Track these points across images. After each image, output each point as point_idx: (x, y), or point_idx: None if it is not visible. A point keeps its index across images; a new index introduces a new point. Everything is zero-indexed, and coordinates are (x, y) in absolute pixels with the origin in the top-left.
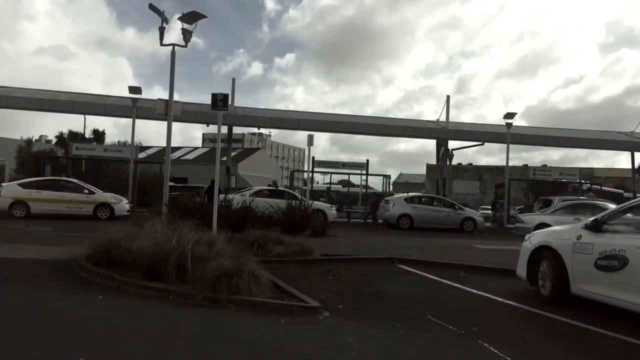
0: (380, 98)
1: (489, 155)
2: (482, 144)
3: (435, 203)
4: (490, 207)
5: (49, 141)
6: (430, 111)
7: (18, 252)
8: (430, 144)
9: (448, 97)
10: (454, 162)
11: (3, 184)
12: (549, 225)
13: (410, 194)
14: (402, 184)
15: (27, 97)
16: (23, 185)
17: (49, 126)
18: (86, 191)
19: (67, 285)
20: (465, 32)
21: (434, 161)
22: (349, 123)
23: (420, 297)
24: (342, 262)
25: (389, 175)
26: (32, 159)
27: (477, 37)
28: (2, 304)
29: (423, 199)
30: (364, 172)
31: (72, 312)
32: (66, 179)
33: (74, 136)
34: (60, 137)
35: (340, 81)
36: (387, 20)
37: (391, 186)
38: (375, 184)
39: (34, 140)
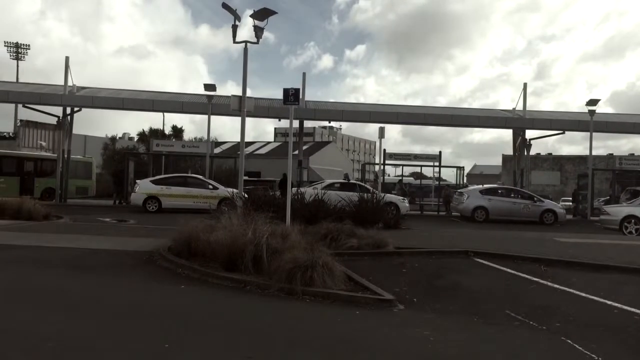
0: (454, 87)
1: (571, 144)
2: (563, 133)
3: (512, 195)
4: (571, 198)
5: (131, 138)
6: (507, 99)
7: (107, 244)
8: (507, 133)
9: (525, 84)
10: (532, 152)
11: (137, 180)
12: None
13: (486, 185)
14: (477, 175)
15: (111, 97)
16: (155, 182)
17: (130, 124)
18: (210, 186)
19: (153, 274)
20: (545, 14)
21: (510, 151)
22: (421, 114)
23: (498, 291)
24: (416, 254)
25: (463, 167)
26: (117, 156)
27: (558, 19)
28: (95, 292)
29: (499, 191)
30: (436, 163)
31: (157, 300)
32: (192, 175)
33: (154, 133)
34: (141, 134)
35: (412, 71)
36: (460, 5)
37: (465, 178)
38: (449, 176)
39: (117, 137)
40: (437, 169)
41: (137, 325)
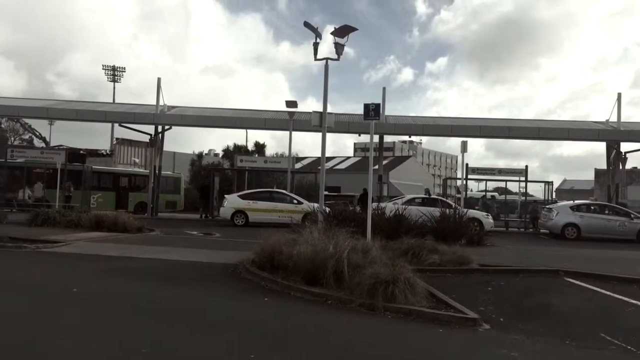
0: (541, 98)
1: None
2: None
3: (606, 211)
4: None
5: (216, 154)
6: (600, 110)
7: (194, 256)
8: (600, 146)
9: (619, 94)
10: (629, 165)
11: (226, 195)
12: None
13: (577, 201)
14: (567, 190)
15: (198, 115)
16: (242, 197)
17: (216, 140)
18: (295, 201)
19: (236, 286)
20: None
21: (603, 165)
22: (505, 127)
23: (591, 312)
24: (501, 272)
25: (552, 182)
26: (203, 171)
27: None
28: (182, 303)
29: (592, 207)
30: (522, 178)
31: (241, 311)
32: (278, 190)
33: (238, 149)
34: (226, 150)
35: (496, 82)
36: (548, 12)
37: (554, 193)
38: (536, 191)
39: (204, 154)
40: (523, 184)
41: (223, 335)
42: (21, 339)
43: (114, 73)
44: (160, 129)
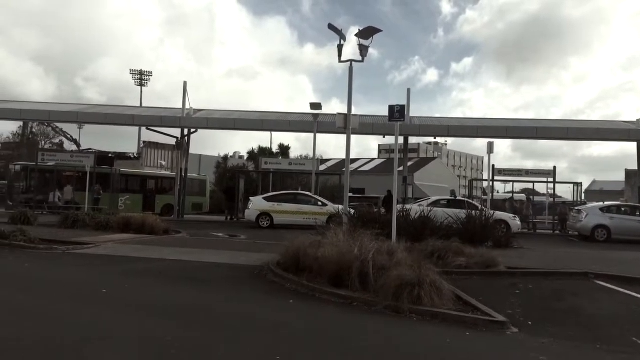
0: (570, 98)
1: None
2: None
3: (637, 213)
4: None
5: (241, 157)
6: (631, 110)
7: (220, 258)
8: (631, 147)
9: None
10: None
11: (251, 197)
12: None
13: (607, 203)
14: (596, 192)
15: (223, 118)
16: (267, 199)
17: (240, 143)
18: (320, 203)
19: (262, 288)
20: None
21: (634, 166)
22: (533, 128)
23: (623, 316)
24: (529, 275)
25: (580, 183)
26: (228, 174)
27: None
28: (208, 304)
29: (623, 209)
30: (550, 179)
31: (267, 313)
32: (302, 192)
33: (263, 151)
34: (251, 152)
35: (522, 82)
36: (577, 10)
37: (583, 194)
38: (564, 192)
39: (229, 156)
40: (551, 185)
41: (248, 337)
42: (57, 338)
43: (141, 77)
44: (186, 132)
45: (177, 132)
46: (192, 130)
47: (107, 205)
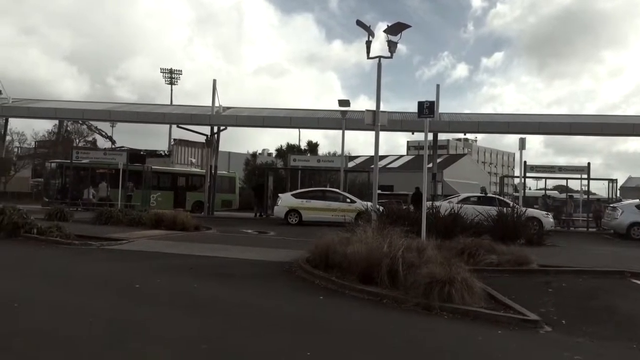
0: (605, 92)
1: None
2: None
3: None
4: None
5: (270, 154)
6: None
7: (250, 254)
8: None
9: None
10: None
11: (280, 194)
12: None
13: None
14: (632, 188)
15: (252, 116)
16: (295, 196)
17: (269, 140)
18: (348, 200)
19: (291, 285)
20: None
21: None
22: (566, 123)
23: None
24: (563, 273)
25: (616, 179)
26: (257, 171)
27: None
28: (239, 299)
29: None
30: (584, 176)
31: (297, 310)
32: (331, 189)
33: (291, 148)
34: (279, 149)
35: (555, 77)
36: (611, 3)
37: (618, 191)
38: (598, 189)
39: (258, 153)
40: (585, 182)
41: (279, 333)
42: (94, 333)
43: (171, 76)
44: (215, 129)
45: (206, 129)
46: (222, 127)
47: (139, 202)
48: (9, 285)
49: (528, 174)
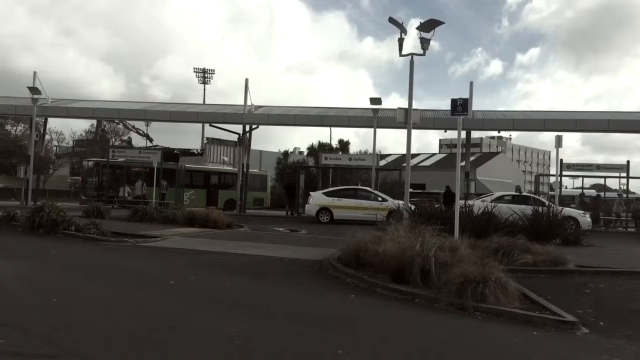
0: None
1: None
2: None
3: None
4: None
5: (301, 152)
6: None
7: (281, 252)
8: None
9: None
10: None
11: (311, 192)
12: None
13: None
14: None
15: (284, 114)
16: (326, 194)
17: (300, 138)
18: (380, 199)
19: (323, 283)
20: None
21: None
22: (604, 120)
23: None
24: (601, 274)
25: None
26: (288, 169)
27: None
28: (271, 296)
29: None
30: (623, 174)
31: (328, 307)
32: (362, 187)
33: (322, 147)
34: (311, 148)
35: (593, 72)
36: None
37: None
38: (638, 188)
39: (289, 152)
40: (624, 181)
41: (311, 330)
42: (130, 327)
43: (204, 75)
44: (247, 128)
45: (238, 128)
46: (254, 126)
47: (173, 200)
48: (48, 280)
49: (564, 173)
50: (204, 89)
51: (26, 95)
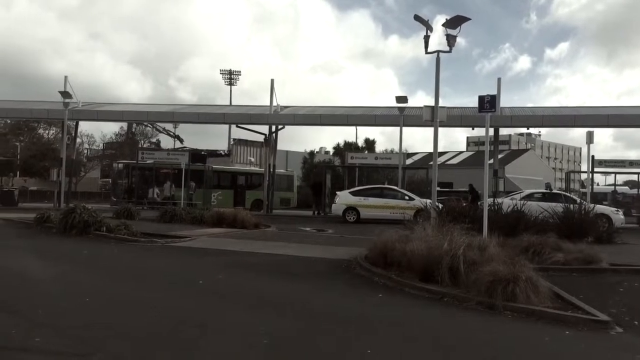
0: None
1: None
2: None
3: None
4: None
5: (327, 152)
6: None
7: (309, 251)
8: None
9: None
10: None
11: (337, 192)
12: None
13: None
14: None
15: (309, 114)
16: (353, 193)
17: (326, 138)
18: (406, 197)
19: (350, 282)
20: None
21: None
22: (636, 115)
23: None
24: (635, 273)
25: None
26: (315, 169)
27: None
28: (299, 296)
29: None
30: None
31: (357, 307)
32: (389, 186)
33: (348, 146)
34: (337, 147)
35: (625, 66)
36: None
37: None
38: None
39: (315, 152)
40: None
41: (339, 329)
42: (160, 326)
43: (230, 77)
44: (273, 128)
45: (265, 129)
46: (280, 126)
47: (201, 200)
48: (80, 280)
49: (596, 169)
50: (230, 90)
51: (57, 99)
